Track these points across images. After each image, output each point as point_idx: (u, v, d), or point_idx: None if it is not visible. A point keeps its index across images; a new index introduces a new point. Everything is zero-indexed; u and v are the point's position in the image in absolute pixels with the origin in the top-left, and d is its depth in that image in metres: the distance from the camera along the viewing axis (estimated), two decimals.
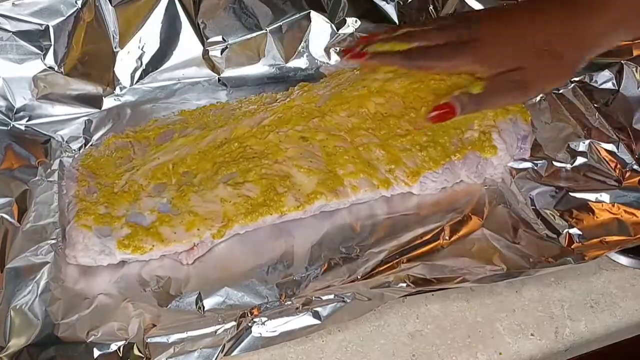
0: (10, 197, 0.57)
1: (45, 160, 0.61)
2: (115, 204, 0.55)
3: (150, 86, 0.69)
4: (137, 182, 0.57)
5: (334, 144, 0.59)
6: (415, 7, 0.76)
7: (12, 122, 0.64)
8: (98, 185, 0.57)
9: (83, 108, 0.66)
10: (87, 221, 0.53)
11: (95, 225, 0.53)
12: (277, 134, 0.59)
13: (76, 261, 0.53)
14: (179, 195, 0.55)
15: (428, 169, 0.58)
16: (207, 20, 0.69)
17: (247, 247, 0.55)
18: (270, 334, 0.48)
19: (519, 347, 0.51)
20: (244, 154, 0.58)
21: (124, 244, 0.52)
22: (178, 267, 0.54)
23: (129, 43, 0.67)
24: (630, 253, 0.55)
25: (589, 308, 0.53)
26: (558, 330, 0.52)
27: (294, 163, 0.57)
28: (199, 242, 0.54)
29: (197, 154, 0.59)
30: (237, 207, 0.55)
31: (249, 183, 0.56)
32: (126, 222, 0.54)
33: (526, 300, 0.53)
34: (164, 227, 0.54)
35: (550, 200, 0.57)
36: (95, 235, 0.53)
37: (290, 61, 0.72)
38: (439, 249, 0.54)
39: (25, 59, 0.64)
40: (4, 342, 0.47)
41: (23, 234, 0.54)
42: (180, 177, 0.57)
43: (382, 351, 0.50)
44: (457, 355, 0.50)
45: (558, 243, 0.54)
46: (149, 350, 0.46)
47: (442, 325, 0.52)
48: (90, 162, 0.60)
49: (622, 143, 0.61)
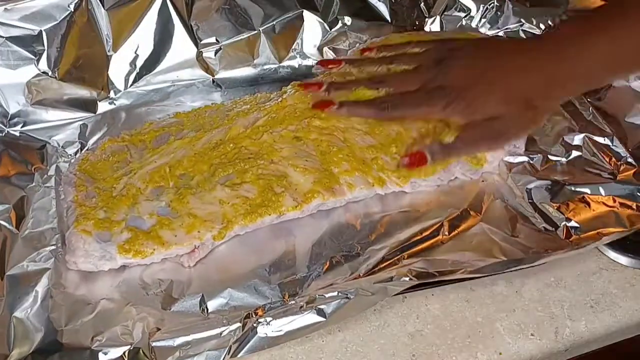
0: (7, 204, 0.56)
1: (42, 166, 0.61)
2: (114, 208, 0.55)
3: (145, 89, 0.69)
4: (135, 185, 0.57)
5: (328, 143, 0.59)
6: (407, 4, 0.76)
7: (7, 129, 0.64)
8: (96, 189, 0.57)
9: (78, 113, 0.66)
10: (86, 226, 0.53)
11: (95, 230, 0.53)
12: (271, 134, 0.60)
13: (77, 267, 0.52)
14: (177, 198, 0.55)
15: (418, 176, 0.58)
16: (200, 22, 0.69)
17: (247, 248, 0.55)
18: (276, 333, 0.48)
19: (519, 347, 0.51)
20: (239, 155, 0.58)
21: (124, 248, 0.52)
22: (180, 270, 0.54)
23: (123, 46, 0.67)
24: (630, 253, 0.56)
25: (589, 308, 0.53)
26: (558, 330, 0.52)
27: (289, 163, 0.58)
28: (199, 244, 0.54)
29: (193, 156, 0.59)
30: (236, 208, 0.55)
31: (246, 184, 0.56)
32: (126, 227, 0.54)
33: (526, 300, 0.54)
34: (164, 231, 0.53)
35: (546, 194, 0.58)
36: (95, 240, 0.53)
37: (284, 61, 0.72)
38: (439, 245, 0.55)
39: (18, 65, 0.64)
40: (8, 350, 0.47)
41: (22, 241, 0.54)
42: (178, 180, 0.57)
43: (382, 351, 0.50)
44: (457, 355, 0.50)
45: (556, 236, 0.55)
46: (154, 355, 0.46)
47: (442, 325, 0.52)
48: (87, 166, 0.60)
49: (616, 136, 0.62)
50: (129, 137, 0.62)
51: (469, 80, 0.54)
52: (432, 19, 0.77)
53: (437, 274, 0.51)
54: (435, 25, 0.77)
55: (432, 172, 0.58)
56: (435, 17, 0.77)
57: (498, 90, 0.54)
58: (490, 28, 0.77)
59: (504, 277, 0.55)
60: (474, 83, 0.54)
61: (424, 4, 0.76)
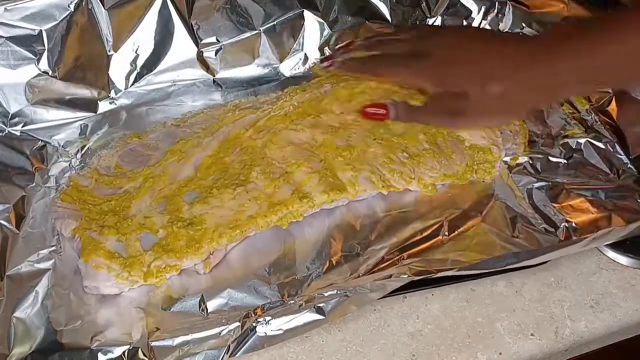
0: (7, 204, 0.56)
1: (42, 165, 0.61)
2: (123, 230, 0.53)
3: (146, 89, 0.69)
4: (137, 204, 0.55)
5: (331, 142, 0.59)
6: (408, 4, 0.76)
7: (7, 128, 0.64)
8: (94, 213, 0.55)
9: (78, 112, 0.66)
10: (99, 262, 0.51)
11: (112, 263, 0.51)
12: (273, 134, 0.59)
13: (99, 292, 0.51)
14: (187, 209, 0.54)
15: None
16: (201, 22, 0.69)
17: (248, 248, 0.55)
18: (275, 332, 0.48)
19: (519, 347, 0.51)
20: (242, 157, 0.58)
21: (150, 273, 0.51)
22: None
23: (123, 46, 0.67)
24: (630, 253, 0.56)
25: (589, 308, 0.54)
26: (558, 330, 0.52)
27: (293, 162, 0.57)
28: (214, 250, 0.53)
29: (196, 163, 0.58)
30: (247, 211, 0.54)
31: (253, 184, 0.56)
32: (143, 250, 0.52)
33: (526, 300, 0.54)
34: (177, 243, 0.52)
35: (547, 195, 0.58)
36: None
37: (285, 61, 0.72)
38: (439, 245, 0.55)
39: (19, 64, 0.64)
40: (8, 350, 0.47)
41: (22, 241, 0.54)
42: (183, 189, 0.56)
43: (382, 351, 0.50)
44: (457, 355, 0.50)
45: (556, 236, 0.55)
46: (153, 354, 0.46)
47: (442, 325, 0.52)
48: (73, 194, 0.57)
49: (617, 143, 0.62)
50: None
51: (449, 56, 0.56)
52: (432, 20, 0.77)
53: (436, 271, 0.51)
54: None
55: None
56: (436, 17, 0.77)
57: (473, 70, 0.54)
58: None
59: (504, 277, 0.55)
60: (453, 59, 0.56)
61: (425, 4, 0.76)
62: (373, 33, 0.71)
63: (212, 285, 0.52)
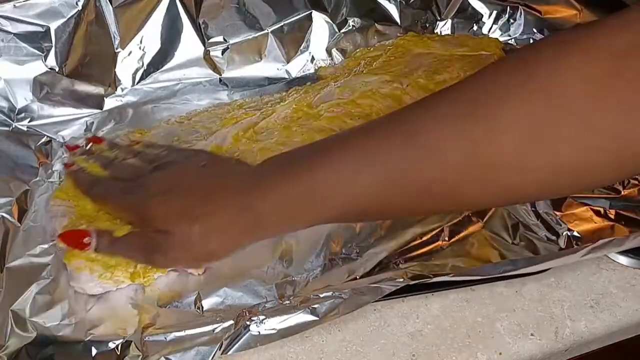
0: (10, 197, 0.57)
1: (47, 161, 0.61)
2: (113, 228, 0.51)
3: (152, 87, 0.69)
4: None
5: None
6: (418, 6, 0.75)
7: (14, 123, 0.64)
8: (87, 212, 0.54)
9: (84, 109, 0.67)
10: (79, 264, 0.50)
11: (94, 264, 0.50)
12: (275, 135, 0.59)
13: (84, 292, 0.51)
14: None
15: None
16: (209, 21, 0.70)
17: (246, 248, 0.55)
18: (269, 331, 0.48)
19: (519, 347, 0.51)
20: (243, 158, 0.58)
21: (137, 274, 0.51)
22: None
23: (130, 44, 0.67)
24: (630, 253, 0.56)
25: (589, 308, 0.53)
26: (558, 330, 0.51)
27: None
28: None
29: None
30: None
31: None
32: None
33: (526, 300, 0.53)
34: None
35: (549, 203, 0.57)
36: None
37: (292, 61, 0.72)
38: (438, 250, 0.54)
39: (26, 61, 0.64)
40: (4, 340, 0.47)
41: (23, 234, 0.54)
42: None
43: (382, 351, 0.50)
44: (457, 355, 0.50)
45: (557, 245, 0.54)
46: (146, 348, 0.46)
47: (442, 325, 0.52)
48: (69, 191, 0.56)
49: None
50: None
51: (159, 195, 0.48)
52: (443, 22, 0.76)
53: (432, 276, 0.51)
54: (446, 29, 0.77)
55: None
56: (446, 20, 0.76)
57: (177, 210, 0.47)
58: (502, 35, 0.77)
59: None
60: (162, 199, 0.47)
61: (435, 7, 0.76)
62: (118, 144, 0.60)
63: (209, 283, 0.52)
